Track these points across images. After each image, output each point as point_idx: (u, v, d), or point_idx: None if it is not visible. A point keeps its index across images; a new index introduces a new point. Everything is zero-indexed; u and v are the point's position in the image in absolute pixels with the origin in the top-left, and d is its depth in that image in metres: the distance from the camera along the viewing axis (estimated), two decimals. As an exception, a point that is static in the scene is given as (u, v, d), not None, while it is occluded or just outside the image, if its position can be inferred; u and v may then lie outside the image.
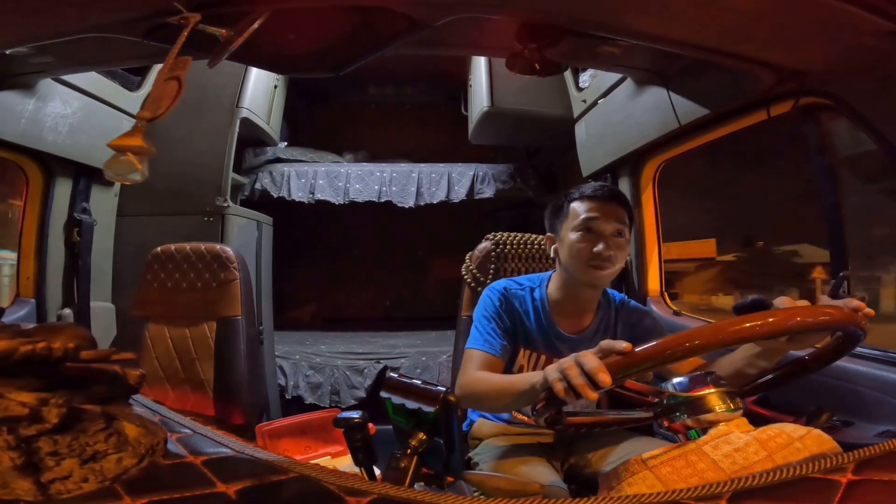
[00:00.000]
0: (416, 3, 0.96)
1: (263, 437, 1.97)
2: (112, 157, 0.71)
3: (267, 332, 2.82)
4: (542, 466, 1.14)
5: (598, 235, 1.19)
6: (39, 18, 0.96)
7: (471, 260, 1.60)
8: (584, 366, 0.73)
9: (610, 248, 1.18)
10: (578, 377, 0.73)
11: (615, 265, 1.20)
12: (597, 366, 0.72)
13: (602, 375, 0.71)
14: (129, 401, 0.52)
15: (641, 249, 2.02)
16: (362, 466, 0.79)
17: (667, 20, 0.99)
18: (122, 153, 0.70)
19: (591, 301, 1.29)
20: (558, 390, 0.76)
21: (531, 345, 1.26)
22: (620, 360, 0.72)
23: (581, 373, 0.73)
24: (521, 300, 1.28)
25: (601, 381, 0.70)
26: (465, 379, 1.17)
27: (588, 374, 0.72)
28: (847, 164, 1.33)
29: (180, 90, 0.77)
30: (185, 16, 0.84)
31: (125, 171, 0.70)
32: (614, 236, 1.20)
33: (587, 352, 0.76)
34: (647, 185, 2.01)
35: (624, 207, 1.23)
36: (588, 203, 1.22)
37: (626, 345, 0.72)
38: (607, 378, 0.70)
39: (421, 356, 3.01)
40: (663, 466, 0.65)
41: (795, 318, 0.73)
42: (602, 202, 1.21)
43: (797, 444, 0.61)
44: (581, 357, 0.75)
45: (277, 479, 0.45)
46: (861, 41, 0.93)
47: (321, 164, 3.71)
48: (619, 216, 1.21)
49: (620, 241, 1.20)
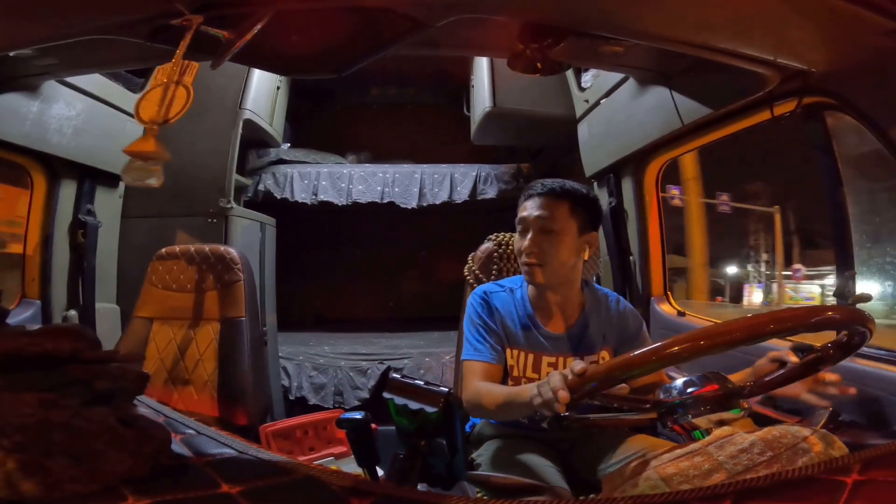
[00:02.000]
0: (418, 3, 0.96)
1: (267, 437, 1.98)
2: (129, 163, 0.72)
3: (270, 333, 2.82)
4: (546, 467, 1.14)
5: (525, 232, 1.21)
6: (43, 21, 0.96)
7: (473, 260, 1.60)
8: (550, 384, 0.83)
9: (534, 243, 1.18)
10: (547, 393, 0.83)
11: (546, 260, 1.18)
12: (558, 385, 0.81)
13: (561, 393, 0.80)
14: (134, 401, 0.52)
15: (645, 251, 2.02)
16: (365, 467, 0.79)
17: (669, 20, 0.99)
18: (138, 158, 0.71)
19: (565, 298, 1.27)
20: (537, 405, 0.85)
21: (517, 344, 1.27)
22: (576, 379, 0.81)
23: (549, 389, 0.83)
24: (503, 301, 1.29)
25: (560, 398, 0.80)
26: (469, 393, 1.19)
27: (552, 391, 0.82)
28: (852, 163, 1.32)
29: (189, 97, 0.78)
30: (188, 18, 0.84)
31: (143, 177, 0.72)
32: (539, 232, 1.19)
33: (556, 371, 0.86)
34: (651, 186, 2.00)
35: (559, 200, 1.20)
36: (523, 203, 1.24)
37: (580, 367, 0.82)
38: (566, 395, 0.80)
39: (424, 357, 3.01)
40: (668, 467, 0.65)
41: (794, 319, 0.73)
42: (533, 198, 1.22)
43: (802, 445, 0.61)
44: (552, 376, 0.84)
45: (281, 479, 0.45)
46: (865, 40, 0.92)
47: (324, 165, 3.72)
48: (544, 208, 1.19)
49: (548, 236, 1.18)
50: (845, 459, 0.48)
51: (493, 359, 1.22)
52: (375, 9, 0.98)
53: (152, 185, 0.74)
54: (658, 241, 2.02)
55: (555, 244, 1.18)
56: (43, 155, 1.88)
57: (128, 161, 0.72)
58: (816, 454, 0.60)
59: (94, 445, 0.42)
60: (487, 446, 1.26)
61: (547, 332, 1.26)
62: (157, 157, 0.72)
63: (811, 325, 0.73)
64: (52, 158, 1.92)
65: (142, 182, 0.73)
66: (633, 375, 0.79)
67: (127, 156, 0.72)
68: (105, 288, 2.31)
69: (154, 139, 0.73)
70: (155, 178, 0.73)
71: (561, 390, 0.80)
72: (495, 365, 1.22)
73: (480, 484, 0.91)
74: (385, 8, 0.97)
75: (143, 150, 0.72)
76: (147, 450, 0.45)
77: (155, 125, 0.75)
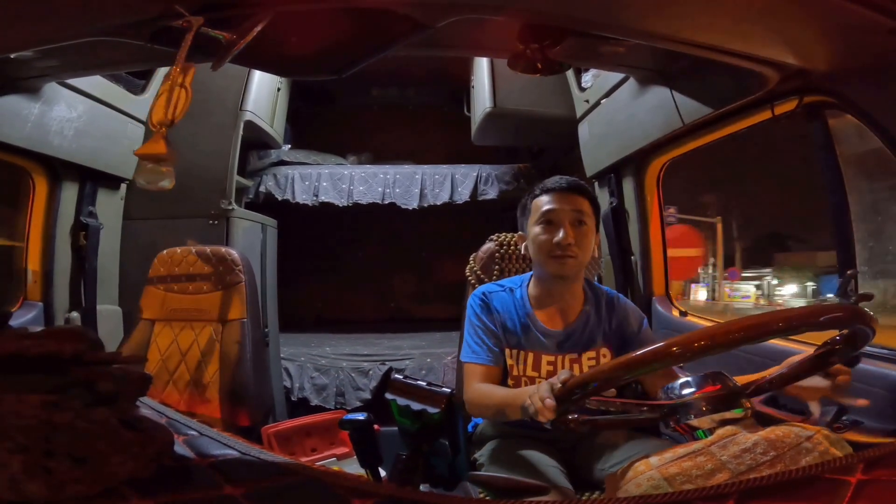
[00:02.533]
0: (418, 4, 0.96)
1: (269, 438, 1.98)
2: (140, 166, 0.72)
3: (272, 335, 2.82)
4: (548, 467, 1.14)
5: (557, 226, 1.22)
6: (44, 23, 0.97)
7: (475, 261, 1.60)
8: (538, 393, 0.84)
9: (570, 236, 1.20)
10: (536, 403, 0.84)
11: (579, 254, 1.21)
12: (545, 394, 0.83)
13: (548, 401, 0.82)
14: (136, 403, 0.52)
15: (646, 250, 2.01)
16: (368, 468, 0.79)
17: (669, 19, 0.99)
18: (149, 161, 0.71)
19: (569, 295, 1.29)
20: (531, 413, 0.86)
21: (516, 344, 1.27)
22: (561, 388, 0.82)
23: (538, 399, 0.84)
24: (503, 301, 1.30)
25: (547, 406, 0.81)
26: (469, 395, 1.21)
27: (540, 400, 0.83)
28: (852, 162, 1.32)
29: (187, 99, 0.78)
30: (189, 19, 0.84)
31: (156, 179, 0.72)
32: (574, 225, 1.22)
33: (545, 382, 0.87)
34: (651, 186, 2.00)
35: (584, 197, 1.24)
36: (547, 196, 1.25)
37: (565, 375, 0.83)
38: (552, 403, 0.81)
39: (426, 358, 3.01)
40: (670, 467, 0.65)
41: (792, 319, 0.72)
42: (560, 193, 1.24)
43: (806, 444, 0.61)
44: (541, 385, 0.87)
45: (283, 480, 0.45)
46: (865, 39, 0.92)
47: (325, 166, 3.71)
48: (577, 205, 1.23)
49: (582, 229, 1.22)
50: (848, 459, 0.48)
51: (491, 361, 1.24)
52: (376, 10, 0.98)
53: (165, 187, 0.74)
54: (659, 241, 2.02)
55: (588, 237, 1.23)
56: (44, 157, 1.89)
57: (139, 163, 0.73)
58: (820, 454, 0.59)
59: (96, 447, 0.42)
60: (489, 446, 1.26)
61: (546, 330, 1.27)
62: (167, 159, 0.72)
63: (817, 324, 0.73)
64: (54, 160, 1.92)
65: (154, 184, 0.73)
66: (624, 378, 0.79)
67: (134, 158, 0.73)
68: (107, 290, 2.31)
69: (164, 141, 0.73)
70: (167, 179, 0.73)
71: (547, 399, 0.81)
72: (494, 367, 1.25)
73: (483, 484, 0.91)
74: (385, 9, 0.97)
75: (154, 152, 0.72)
76: (150, 451, 0.45)
77: (163, 127, 0.75)
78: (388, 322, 4.47)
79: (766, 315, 0.71)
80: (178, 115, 0.77)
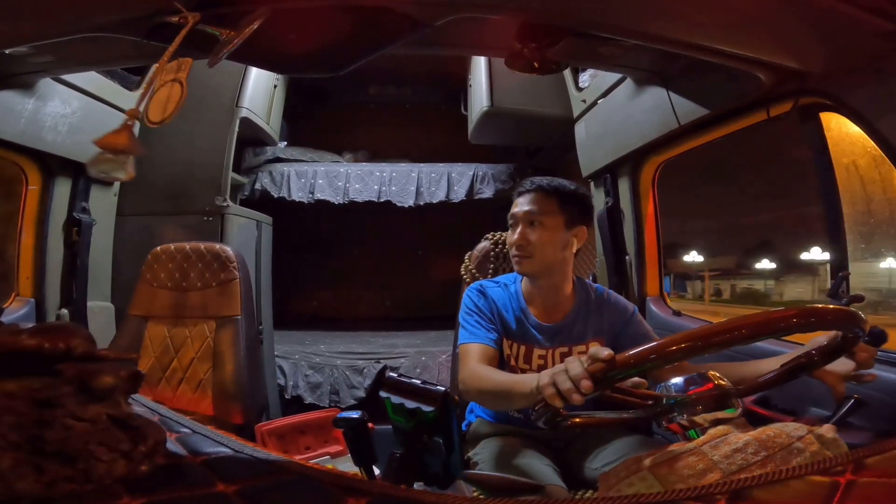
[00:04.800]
0: (416, 2, 0.96)
1: (263, 436, 1.97)
2: (97, 155, 0.70)
3: (266, 332, 2.82)
4: (541, 466, 1.15)
5: (514, 227, 1.26)
6: (39, 18, 0.96)
7: (470, 259, 1.60)
8: (569, 372, 0.76)
9: (521, 236, 1.23)
10: (565, 382, 0.76)
11: (534, 253, 1.23)
12: (581, 372, 0.74)
13: (585, 382, 0.73)
14: (129, 400, 0.51)
15: (641, 250, 2.02)
16: (362, 466, 0.79)
17: (666, 20, 0.99)
18: (109, 151, 0.69)
19: (556, 291, 1.30)
20: (549, 395, 0.78)
21: (511, 336, 1.28)
22: (602, 366, 0.74)
23: (567, 378, 0.76)
24: (498, 295, 1.31)
25: (584, 388, 0.73)
26: (467, 372, 1.17)
27: (573, 380, 0.75)
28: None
29: (183, 93, 0.78)
30: (185, 15, 0.84)
31: (109, 169, 0.70)
32: (526, 225, 1.24)
33: (573, 358, 0.78)
34: (647, 186, 2.00)
35: (548, 196, 1.25)
36: (515, 199, 1.29)
37: (608, 353, 0.74)
38: (589, 384, 0.73)
39: (420, 356, 3.01)
40: (662, 466, 0.65)
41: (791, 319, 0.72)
42: (523, 195, 1.28)
43: (797, 445, 0.61)
44: (569, 363, 0.77)
45: (277, 478, 0.45)
46: (860, 41, 0.93)
47: (321, 163, 3.71)
48: (532, 203, 1.25)
49: (535, 228, 1.23)
50: (839, 459, 0.49)
51: (490, 341, 1.23)
52: (374, 7, 0.98)
53: (119, 178, 0.72)
54: (654, 242, 2.03)
55: (541, 236, 1.23)
56: (38, 152, 1.87)
57: (96, 153, 0.70)
58: (811, 454, 0.60)
59: (88, 444, 0.42)
60: (484, 445, 1.27)
61: (539, 324, 1.28)
62: (128, 151, 0.70)
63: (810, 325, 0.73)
64: (47, 156, 1.91)
65: (108, 175, 0.71)
66: (671, 360, 0.74)
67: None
68: (99, 286, 2.30)
69: (128, 133, 0.71)
70: (123, 171, 0.70)
71: (584, 379, 0.73)
72: (492, 349, 1.22)
73: (477, 483, 0.91)
74: (384, 7, 0.97)
75: (115, 142, 0.70)
76: (142, 449, 0.45)
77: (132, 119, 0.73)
78: (383, 320, 4.47)
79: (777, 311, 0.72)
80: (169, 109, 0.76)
